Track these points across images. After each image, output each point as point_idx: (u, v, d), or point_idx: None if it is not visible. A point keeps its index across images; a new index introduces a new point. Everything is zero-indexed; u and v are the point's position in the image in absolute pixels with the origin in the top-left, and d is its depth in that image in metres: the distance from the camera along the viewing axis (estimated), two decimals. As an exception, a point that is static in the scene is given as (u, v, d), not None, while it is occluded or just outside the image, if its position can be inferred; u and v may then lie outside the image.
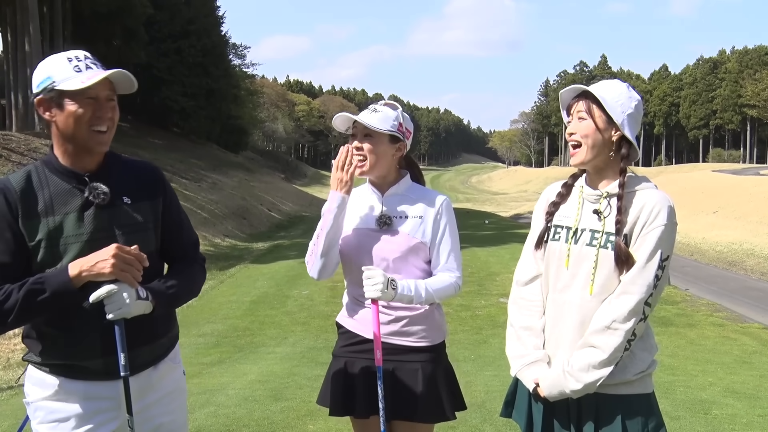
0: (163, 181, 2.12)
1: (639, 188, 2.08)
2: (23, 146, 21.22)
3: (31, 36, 26.29)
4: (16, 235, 1.89)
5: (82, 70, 1.88)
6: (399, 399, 2.36)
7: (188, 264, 2.15)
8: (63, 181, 1.95)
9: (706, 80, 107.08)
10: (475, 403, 5.05)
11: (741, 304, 13.60)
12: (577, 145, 2.11)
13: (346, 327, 2.49)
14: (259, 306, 11.62)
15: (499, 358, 7.75)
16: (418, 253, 2.40)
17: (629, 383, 2.07)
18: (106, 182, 1.97)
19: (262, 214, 32.39)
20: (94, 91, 1.88)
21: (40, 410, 2.01)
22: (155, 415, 2.07)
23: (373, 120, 2.37)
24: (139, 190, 2.03)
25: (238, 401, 5.47)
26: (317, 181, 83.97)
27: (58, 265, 1.90)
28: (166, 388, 2.11)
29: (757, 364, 7.98)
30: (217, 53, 46.30)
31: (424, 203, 2.43)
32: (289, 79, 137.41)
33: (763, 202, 29.43)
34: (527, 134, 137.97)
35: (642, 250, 2.01)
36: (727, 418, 5.06)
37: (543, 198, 2.31)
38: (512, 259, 16.78)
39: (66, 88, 1.86)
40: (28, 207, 1.90)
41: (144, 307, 1.91)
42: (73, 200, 1.94)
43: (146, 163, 2.16)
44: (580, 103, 2.11)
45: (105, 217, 1.95)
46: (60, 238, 1.91)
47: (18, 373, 8.18)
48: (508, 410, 2.36)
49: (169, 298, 2.01)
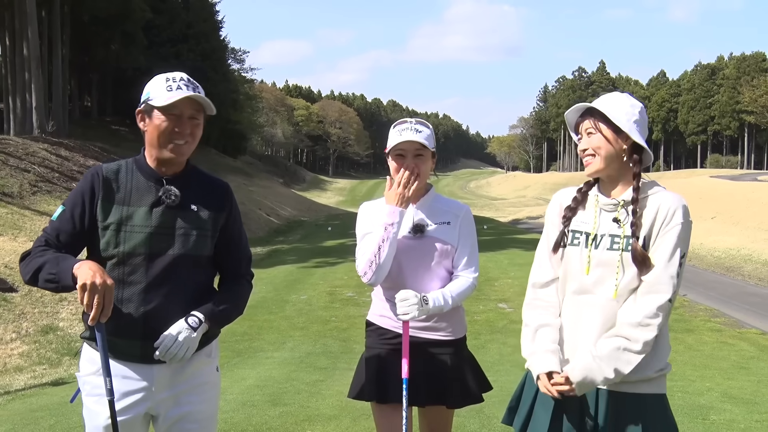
0: (230, 199, 2.35)
1: (652, 192, 2.16)
2: (21, 150, 21.22)
3: (30, 40, 26.27)
4: (86, 212, 2.16)
5: (172, 90, 2.15)
6: (432, 387, 2.60)
7: (237, 282, 2.36)
8: (144, 178, 2.22)
9: (704, 86, 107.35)
10: (473, 409, 5.04)
11: (739, 310, 13.61)
12: (591, 156, 2.18)
13: (378, 324, 2.71)
14: (257, 311, 11.61)
15: (498, 363, 7.75)
16: (448, 256, 2.64)
17: (649, 381, 2.12)
18: (181, 187, 2.22)
19: (260, 219, 32.40)
20: (178, 109, 2.15)
21: (87, 384, 2.21)
22: (185, 403, 2.23)
23: (426, 140, 2.59)
24: (207, 201, 2.27)
25: (236, 406, 5.46)
26: (316, 185, 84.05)
27: (120, 248, 2.14)
28: (198, 379, 2.26)
29: (755, 370, 8.01)
30: (216, 58, 46.39)
31: (451, 211, 2.69)
32: (288, 84, 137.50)
33: (761, 208, 29.49)
34: (526, 140, 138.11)
35: (663, 250, 2.08)
36: (725, 424, 5.07)
37: (555, 202, 2.35)
38: (511, 265, 16.80)
39: (155, 103, 2.15)
40: (109, 192, 2.18)
41: (199, 335, 2.16)
42: (148, 196, 2.19)
43: (220, 180, 2.39)
44: (586, 121, 2.20)
45: (171, 216, 2.19)
46: (127, 225, 2.15)
47: (15, 378, 8.20)
48: (511, 417, 2.37)
49: (221, 319, 2.26)
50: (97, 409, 2.15)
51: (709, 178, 51.13)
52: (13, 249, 12.70)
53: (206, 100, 2.22)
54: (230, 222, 2.31)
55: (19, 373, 8.43)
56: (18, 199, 17.02)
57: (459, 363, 2.66)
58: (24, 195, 17.54)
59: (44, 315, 10.62)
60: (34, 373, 8.44)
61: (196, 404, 2.24)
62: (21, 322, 10.14)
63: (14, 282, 11.23)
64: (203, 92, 2.26)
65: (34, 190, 18.28)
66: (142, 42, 37.34)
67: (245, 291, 2.36)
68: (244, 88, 57.32)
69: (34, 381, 8.06)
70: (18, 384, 7.91)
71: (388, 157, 2.69)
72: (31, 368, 8.70)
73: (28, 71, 26.81)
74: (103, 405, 2.10)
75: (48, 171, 20.69)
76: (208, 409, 2.30)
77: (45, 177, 19.91)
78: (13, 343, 9.45)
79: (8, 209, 15.72)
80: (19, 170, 19.29)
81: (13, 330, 9.83)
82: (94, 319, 1.96)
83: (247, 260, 2.40)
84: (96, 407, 2.16)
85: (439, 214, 2.67)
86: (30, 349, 9.37)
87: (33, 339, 9.71)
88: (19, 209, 16.14)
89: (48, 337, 9.90)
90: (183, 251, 2.18)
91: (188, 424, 2.22)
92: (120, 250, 2.13)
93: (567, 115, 2.29)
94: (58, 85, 30.95)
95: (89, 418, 2.20)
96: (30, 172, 19.57)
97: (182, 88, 2.16)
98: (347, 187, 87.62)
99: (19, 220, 15.12)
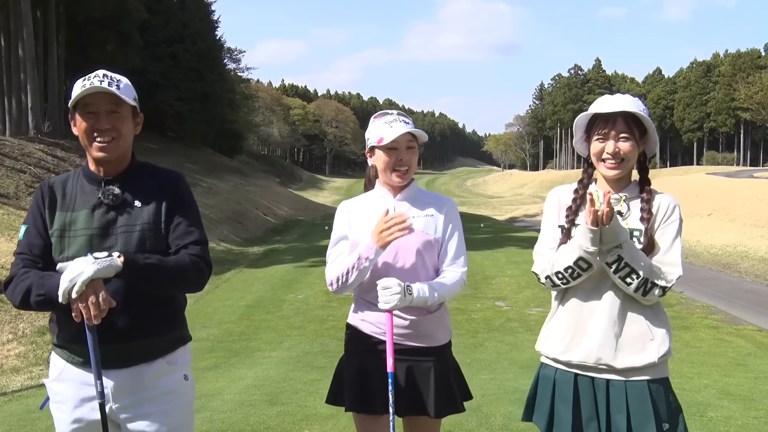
0: (177, 187, 2.27)
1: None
2: (17, 151, 21.18)
3: (25, 41, 26.20)
4: (45, 222, 2.19)
5: (85, 87, 2.08)
6: (415, 397, 2.49)
7: (180, 255, 2.19)
8: (88, 182, 2.22)
9: (700, 83, 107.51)
10: (471, 407, 5.03)
11: (735, 307, 13.63)
12: (621, 161, 2.25)
13: (358, 328, 2.60)
14: (254, 310, 11.60)
15: (495, 361, 7.76)
16: (433, 249, 2.54)
17: (654, 366, 2.23)
18: (124, 186, 2.18)
19: (257, 219, 32.38)
20: (94, 105, 2.09)
21: (50, 390, 2.22)
22: (146, 413, 2.16)
23: (418, 131, 2.53)
24: (152, 195, 2.21)
25: (233, 406, 5.46)
26: (312, 185, 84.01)
27: (64, 254, 2.12)
28: (160, 388, 2.18)
29: (752, 366, 8.02)
30: (211, 57, 46.26)
31: (434, 203, 2.60)
32: (284, 84, 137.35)
33: (757, 205, 29.54)
34: (522, 138, 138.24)
35: (668, 237, 2.25)
36: (722, 420, 5.08)
37: (554, 198, 2.39)
38: (508, 263, 16.82)
39: (71, 103, 2.10)
40: (53, 200, 2.20)
41: (101, 264, 1.95)
42: (90, 199, 2.18)
43: (170, 171, 2.33)
44: (619, 124, 2.22)
45: (112, 216, 2.16)
46: (71, 230, 2.15)
47: (12, 380, 8.19)
48: (529, 414, 2.42)
49: (143, 267, 2.04)
50: (59, 416, 2.17)
51: (706, 175, 51.15)
52: (9, 250, 12.60)
53: (113, 90, 2.09)
54: (172, 209, 2.21)
55: (15, 374, 8.41)
56: (14, 200, 16.98)
57: (443, 371, 2.55)
58: (20, 196, 17.50)
59: (40, 316, 10.58)
60: (31, 374, 8.42)
61: (157, 415, 2.17)
62: (17, 323, 10.12)
63: (10, 283, 11.22)
64: (128, 87, 2.17)
65: (30, 191, 18.22)
66: (138, 42, 37.21)
67: (187, 262, 2.15)
68: (240, 87, 57.23)
69: (31, 382, 8.02)
70: (15, 385, 7.89)
71: (371, 151, 2.60)
72: (27, 369, 8.68)
73: (23, 72, 26.72)
74: (63, 412, 2.15)
75: (44, 172, 20.64)
76: (171, 420, 2.20)
77: (41, 178, 19.86)
78: (10, 344, 9.44)
79: (4, 210, 15.68)
80: (15, 171, 19.24)
81: (9, 331, 9.82)
82: (96, 317, 1.94)
83: (193, 243, 2.21)
84: (58, 414, 2.18)
85: (422, 205, 2.59)
86: (27, 350, 9.35)
87: (30, 340, 9.69)
88: (15, 210, 16.09)
89: (44, 338, 9.87)
90: (126, 249, 2.11)
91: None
92: (65, 255, 2.12)
93: (596, 108, 2.26)
94: (53, 86, 30.85)
95: (55, 424, 2.21)
96: (26, 173, 19.53)
97: (94, 83, 2.09)
98: (344, 186, 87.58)
99: (15, 221, 15.07)
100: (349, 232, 2.58)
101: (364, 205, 2.62)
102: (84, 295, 1.93)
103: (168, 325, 2.23)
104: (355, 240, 2.55)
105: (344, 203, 2.70)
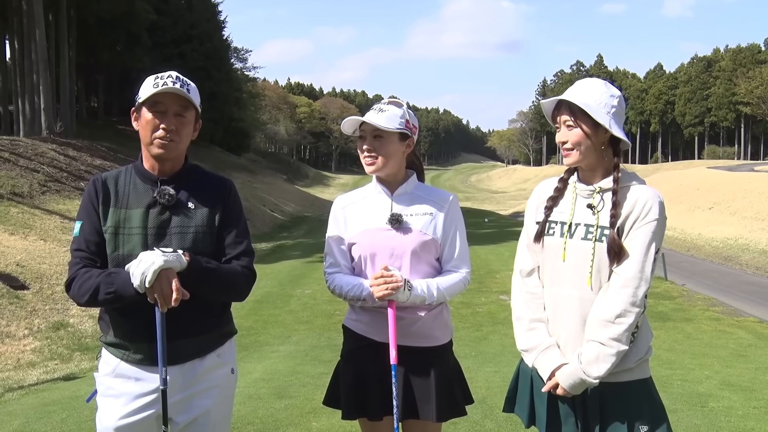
0: (228, 195, 2.29)
1: (630, 184, 2.14)
2: (30, 151, 21.39)
3: (38, 43, 26.36)
4: (99, 218, 2.19)
5: (158, 86, 2.12)
6: (414, 399, 2.38)
7: (232, 264, 2.26)
8: (141, 181, 2.22)
9: (701, 78, 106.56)
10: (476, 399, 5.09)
11: (736, 299, 13.69)
12: (570, 150, 2.15)
13: (353, 330, 2.49)
14: (263, 306, 11.72)
15: (500, 354, 7.85)
16: (430, 249, 2.42)
17: (629, 370, 2.12)
18: (178, 187, 2.21)
19: (264, 215, 32.53)
20: (163, 104, 2.13)
21: (102, 385, 2.23)
22: (197, 407, 2.21)
23: (381, 120, 2.39)
24: (205, 198, 2.24)
25: (242, 399, 5.46)
26: (319, 181, 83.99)
27: (119, 251, 2.14)
28: (211, 381, 2.23)
29: (753, 357, 8.09)
30: (218, 57, 46.41)
31: (434, 201, 2.47)
32: (290, 82, 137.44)
33: (758, 198, 29.42)
34: (525, 133, 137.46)
35: (637, 244, 2.06)
36: (723, 411, 5.09)
37: (535, 194, 2.35)
38: (512, 257, 16.63)
39: (141, 99, 2.14)
40: (107, 196, 2.20)
41: (170, 258, 2.01)
42: (144, 198, 2.19)
43: (221, 177, 2.36)
44: (564, 114, 2.15)
45: (167, 216, 2.18)
46: (125, 228, 2.16)
47: (28, 373, 8.35)
48: (510, 405, 2.40)
49: (205, 270, 2.11)
50: (109, 409, 2.18)
51: (707, 169, 50.81)
52: (24, 247, 12.83)
53: (187, 94, 2.14)
54: (225, 217, 2.24)
55: (31, 369, 8.56)
56: (28, 199, 17.20)
57: (444, 372, 2.42)
58: (34, 195, 17.71)
59: (55, 312, 10.79)
60: (46, 368, 8.58)
61: (207, 408, 2.21)
62: (33, 319, 10.30)
63: (26, 280, 11.40)
64: (195, 92, 2.22)
65: (43, 189, 18.46)
66: (147, 43, 37.40)
67: (238, 272, 2.21)
68: (246, 86, 57.36)
69: (46, 376, 8.17)
70: (31, 379, 8.03)
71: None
72: (43, 363, 8.84)
73: (36, 73, 26.90)
74: (115, 406, 2.16)
75: (57, 171, 20.87)
76: (218, 412, 2.25)
77: (54, 177, 20.10)
78: (26, 339, 9.62)
79: (19, 209, 15.89)
80: (29, 170, 19.46)
81: (25, 327, 10.00)
82: (172, 302, 1.99)
83: (242, 253, 2.26)
84: (108, 407, 2.18)
85: (421, 203, 2.46)
86: (42, 345, 9.52)
87: (45, 335, 9.87)
88: (30, 209, 16.31)
89: (59, 333, 10.07)
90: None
91: (199, 427, 2.21)
92: (119, 252, 2.13)
93: (543, 105, 2.23)
94: (65, 87, 31.14)
95: (101, 418, 2.20)
96: (39, 172, 19.75)
97: (168, 84, 2.12)
98: (350, 182, 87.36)
99: (29, 219, 15.28)
100: (344, 231, 2.48)
101: (360, 200, 2.52)
102: (157, 283, 1.99)
103: (221, 322, 2.29)
104: (351, 240, 2.47)
105: (339, 198, 2.60)
